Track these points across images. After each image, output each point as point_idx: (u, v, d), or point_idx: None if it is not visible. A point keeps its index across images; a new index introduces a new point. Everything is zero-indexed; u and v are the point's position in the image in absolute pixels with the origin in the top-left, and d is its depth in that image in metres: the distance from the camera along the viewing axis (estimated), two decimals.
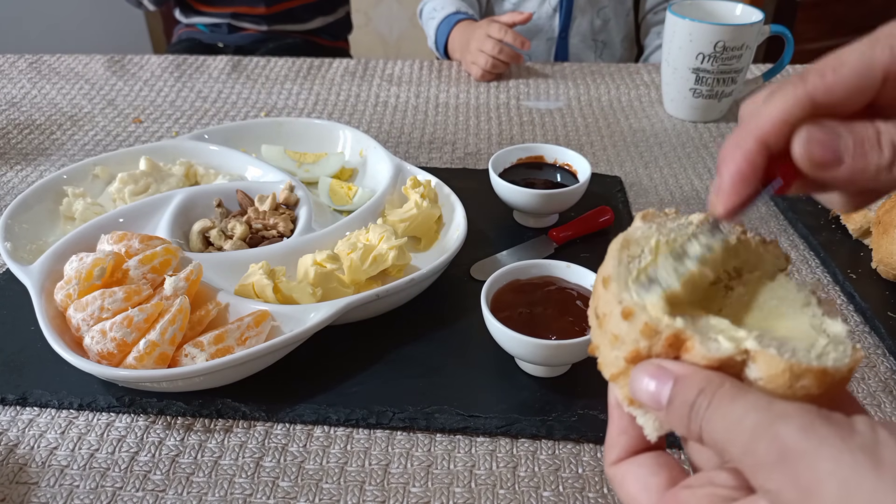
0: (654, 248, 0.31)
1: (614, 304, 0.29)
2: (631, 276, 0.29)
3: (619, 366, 0.29)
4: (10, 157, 0.87)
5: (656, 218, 0.32)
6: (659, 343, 0.27)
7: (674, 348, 0.27)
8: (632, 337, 0.28)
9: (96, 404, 0.51)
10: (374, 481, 0.47)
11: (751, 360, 0.26)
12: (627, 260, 0.30)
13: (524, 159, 0.75)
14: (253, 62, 1.14)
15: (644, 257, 0.30)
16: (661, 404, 0.27)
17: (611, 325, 0.29)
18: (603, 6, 1.24)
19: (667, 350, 0.27)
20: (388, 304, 0.58)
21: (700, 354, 0.26)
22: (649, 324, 0.27)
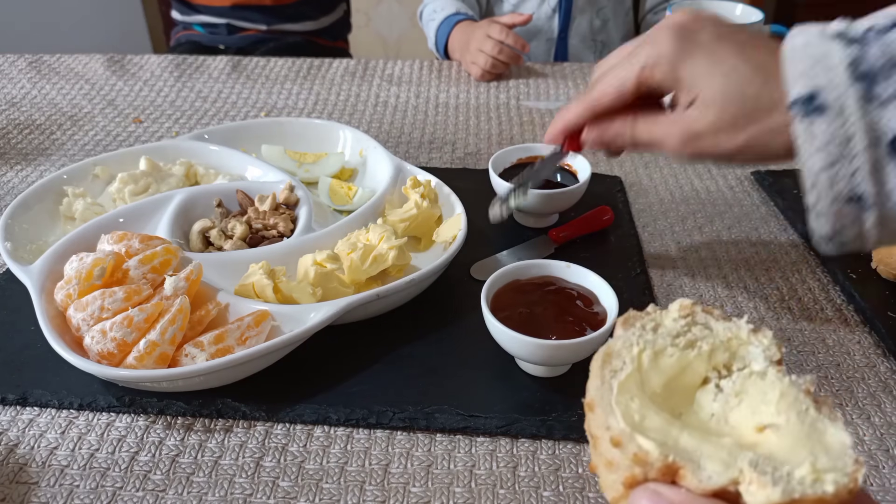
0: (636, 358, 0.30)
1: (603, 429, 0.28)
2: (614, 395, 0.28)
3: (618, 490, 0.28)
4: (10, 157, 0.87)
5: (637, 321, 0.32)
6: (652, 470, 0.27)
7: (668, 475, 0.27)
8: (625, 464, 0.27)
9: (96, 404, 0.51)
10: (374, 481, 0.47)
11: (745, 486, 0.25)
12: (610, 376, 0.29)
13: (524, 159, 0.75)
14: (253, 62, 1.14)
15: (626, 369, 0.29)
16: None
17: (603, 448, 0.28)
18: (602, 6, 1.24)
19: (662, 476, 0.27)
20: (388, 304, 0.58)
21: (693, 484, 0.26)
22: (638, 454, 0.26)
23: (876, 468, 0.47)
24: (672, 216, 0.75)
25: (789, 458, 0.25)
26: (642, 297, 0.62)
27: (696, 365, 0.30)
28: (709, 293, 0.63)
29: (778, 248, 0.70)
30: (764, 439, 0.27)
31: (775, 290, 0.64)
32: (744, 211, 0.76)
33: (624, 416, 0.28)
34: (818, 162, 0.40)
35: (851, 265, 0.64)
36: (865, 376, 0.54)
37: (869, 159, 0.39)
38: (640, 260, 0.67)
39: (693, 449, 0.27)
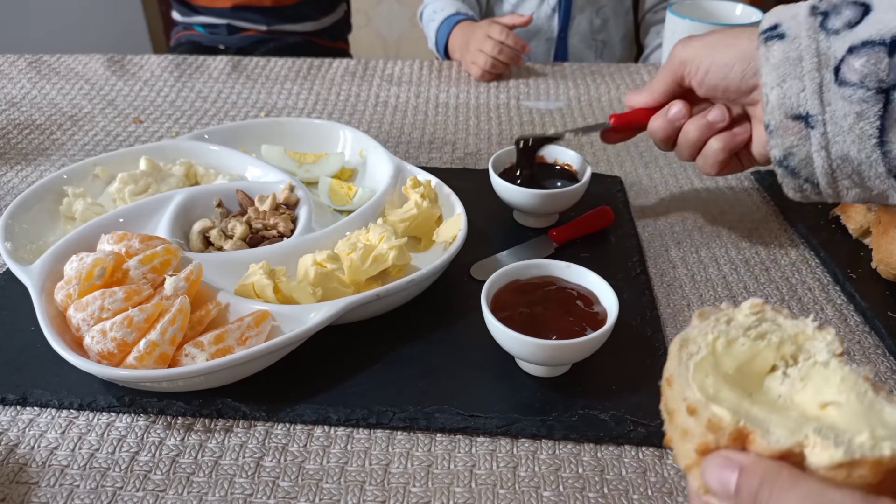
0: (711, 343, 0.33)
1: (679, 401, 0.31)
2: (690, 373, 0.32)
3: (691, 457, 0.31)
4: (10, 157, 0.87)
5: (711, 315, 0.35)
6: (724, 436, 0.29)
7: (738, 441, 0.29)
8: (699, 431, 0.30)
9: (96, 404, 0.51)
10: (374, 481, 0.47)
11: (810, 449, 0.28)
12: (686, 357, 0.33)
13: None
14: (253, 62, 1.14)
15: (701, 352, 0.33)
16: (729, 492, 0.29)
17: (679, 420, 0.31)
18: (602, 5, 1.24)
19: (732, 442, 0.29)
20: (388, 304, 0.58)
21: (762, 447, 0.28)
22: (712, 420, 0.29)
23: None
24: (672, 216, 0.75)
25: (850, 428, 0.28)
26: (642, 297, 0.62)
27: (765, 354, 0.33)
28: (709, 293, 0.63)
29: (778, 248, 0.70)
30: (826, 414, 0.30)
31: (775, 290, 0.64)
32: (744, 211, 0.76)
33: (700, 389, 0.31)
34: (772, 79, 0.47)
35: (851, 265, 0.64)
36: None
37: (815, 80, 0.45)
38: (640, 260, 0.67)
39: (762, 418, 0.29)
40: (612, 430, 0.49)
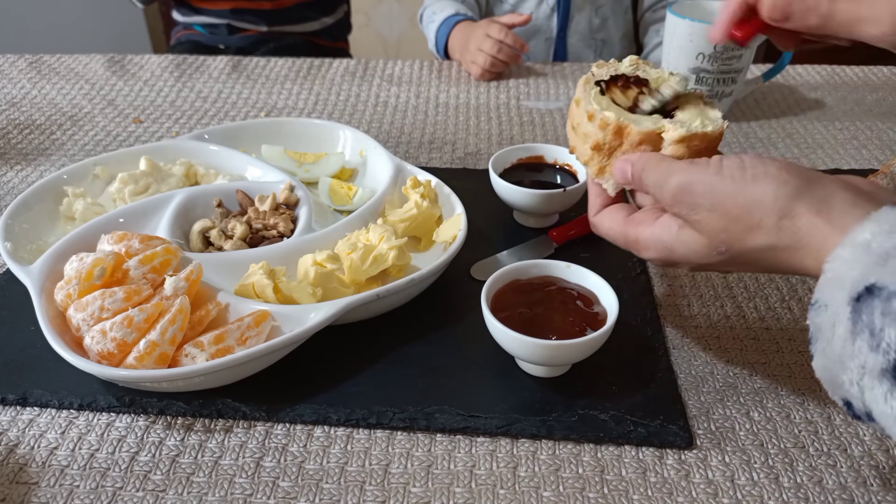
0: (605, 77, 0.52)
1: (582, 114, 0.49)
2: (591, 95, 0.49)
3: (588, 154, 0.50)
4: (10, 157, 0.87)
5: (604, 65, 0.53)
6: (609, 132, 0.47)
7: (618, 135, 0.48)
8: (593, 131, 0.48)
9: (96, 404, 0.51)
10: (374, 481, 0.47)
11: (666, 133, 0.46)
12: (589, 88, 0.50)
13: (524, 159, 0.75)
14: (253, 62, 1.14)
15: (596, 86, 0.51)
16: (627, 178, 0.47)
17: (581, 128, 0.50)
18: (601, 5, 1.24)
19: (614, 136, 0.48)
20: (388, 304, 0.58)
21: (634, 132, 0.47)
22: (603, 120, 0.47)
23: (876, 468, 0.47)
24: None
25: (689, 121, 0.47)
26: (642, 297, 0.62)
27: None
28: (709, 293, 0.63)
29: None
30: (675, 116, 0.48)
31: (775, 290, 0.64)
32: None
33: (595, 103, 0.48)
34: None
35: None
36: None
37: None
38: (640, 260, 0.67)
39: (634, 118, 0.47)
40: (612, 430, 0.49)
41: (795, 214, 0.39)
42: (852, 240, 0.36)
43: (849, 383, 0.35)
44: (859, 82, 1.08)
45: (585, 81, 0.51)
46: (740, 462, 0.48)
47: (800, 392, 0.53)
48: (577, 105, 0.50)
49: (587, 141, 0.49)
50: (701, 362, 0.56)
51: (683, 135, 0.46)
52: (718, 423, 0.51)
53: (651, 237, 0.46)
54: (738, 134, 0.93)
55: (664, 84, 0.50)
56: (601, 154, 0.49)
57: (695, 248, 0.43)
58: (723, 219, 0.41)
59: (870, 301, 0.33)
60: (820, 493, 0.46)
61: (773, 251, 0.40)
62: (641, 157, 0.46)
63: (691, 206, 0.42)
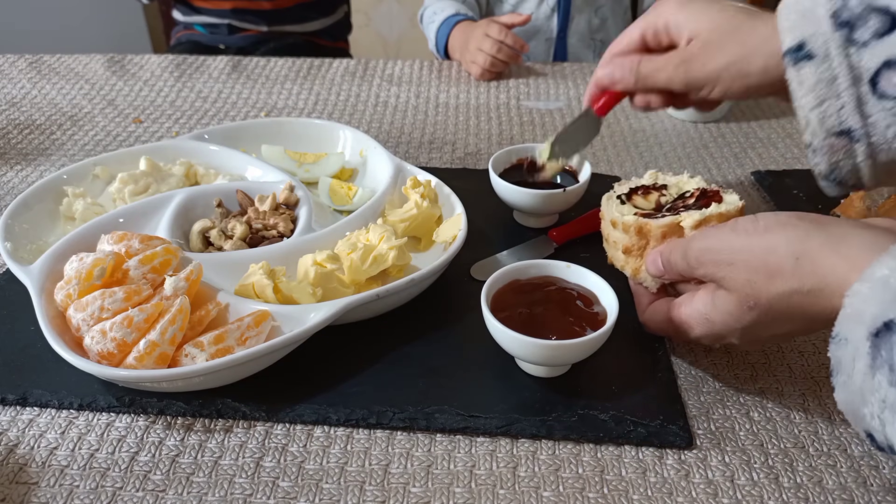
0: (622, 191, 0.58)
1: (608, 224, 0.55)
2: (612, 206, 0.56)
3: (622, 259, 0.54)
4: (10, 157, 0.87)
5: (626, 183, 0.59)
6: (632, 233, 0.52)
7: (641, 235, 0.52)
8: (620, 237, 0.53)
9: (96, 404, 0.51)
10: (374, 481, 0.47)
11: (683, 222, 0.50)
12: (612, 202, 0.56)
13: (524, 159, 0.75)
14: (253, 62, 1.14)
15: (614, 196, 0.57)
16: (661, 270, 0.50)
17: (611, 237, 0.55)
18: (601, 5, 1.24)
19: (638, 237, 0.52)
20: (388, 304, 0.58)
21: (655, 227, 0.51)
22: (625, 224, 0.53)
23: (876, 468, 0.47)
24: None
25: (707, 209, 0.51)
26: None
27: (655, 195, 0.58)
28: None
29: None
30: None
31: None
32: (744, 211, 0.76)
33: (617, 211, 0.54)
34: (809, 102, 0.47)
35: None
36: None
37: (853, 95, 0.45)
38: None
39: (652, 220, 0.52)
40: (612, 430, 0.49)
41: (811, 254, 0.40)
42: (870, 275, 0.37)
43: (870, 416, 0.36)
44: None
45: (608, 198, 0.57)
46: (740, 462, 0.48)
47: (800, 392, 0.53)
48: (603, 219, 0.56)
49: (618, 247, 0.54)
50: (701, 362, 0.56)
51: (699, 219, 0.49)
52: (718, 423, 0.51)
53: (693, 314, 0.48)
54: (738, 134, 0.93)
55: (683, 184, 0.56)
56: (633, 256, 0.53)
57: (728, 308, 0.45)
58: (745, 271, 0.43)
59: (888, 337, 0.34)
60: (820, 493, 0.46)
61: (798, 296, 0.41)
62: (667, 245, 0.50)
63: (716, 265, 0.45)
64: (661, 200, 0.56)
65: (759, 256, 0.42)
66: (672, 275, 0.50)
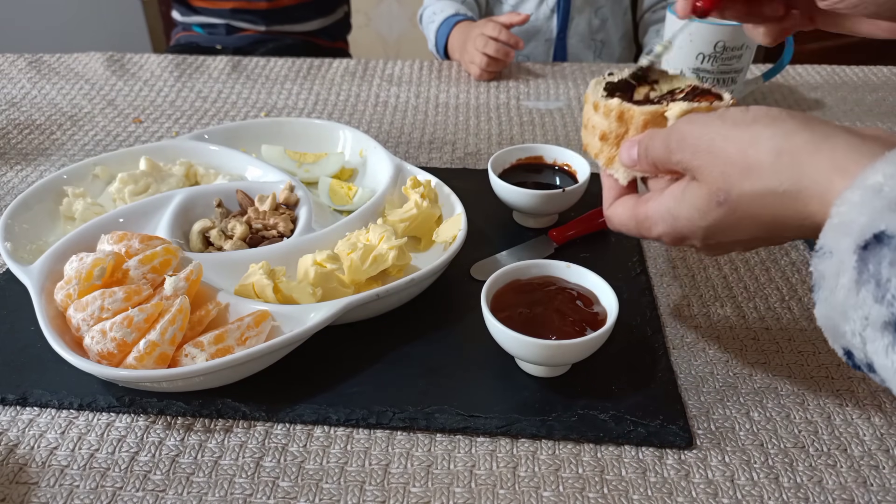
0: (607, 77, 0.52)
1: (590, 108, 0.50)
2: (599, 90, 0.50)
3: (597, 145, 0.50)
4: (10, 157, 0.87)
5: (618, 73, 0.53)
6: (612, 119, 0.48)
7: (622, 121, 0.47)
8: (599, 121, 0.49)
9: (96, 404, 0.51)
10: (374, 481, 0.47)
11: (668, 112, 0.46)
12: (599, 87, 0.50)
13: (524, 160, 0.75)
14: (253, 62, 1.14)
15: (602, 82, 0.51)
16: (633, 159, 0.46)
17: (590, 122, 0.50)
18: (600, 6, 1.24)
19: (619, 123, 0.48)
20: (388, 304, 0.58)
21: (637, 114, 0.47)
22: (607, 106, 0.48)
23: (876, 468, 0.47)
24: None
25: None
26: (642, 297, 0.62)
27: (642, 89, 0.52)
28: (709, 293, 0.63)
29: (778, 248, 0.70)
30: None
31: (775, 290, 0.64)
32: None
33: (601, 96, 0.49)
34: None
35: None
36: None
37: None
38: (640, 260, 0.67)
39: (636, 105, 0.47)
40: (612, 430, 0.49)
41: (794, 151, 0.37)
42: (862, 182, 0.33)
43: (851, 334, 0.33)
44: (859, 82, 1.08)
45: (597, 83, 0.51)
46: (740, 462, 0.48)
47: (800, 392, 0.53)
48: (587, 102, 0.51)
49: (595, 133, 0.49)
50: (701, 362, 0.56)
51: (685, 109, 0.45)
52: (718, 423, 0.51)
53: (658, 209, 0.44)
54: None
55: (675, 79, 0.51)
56: (609, 144, 0.49)
57: (696, 202, 0.41)
58: (721, 162, 0.39)
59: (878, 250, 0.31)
60: (820, 493, 0.46)
61: (773, 196, 0.37)
62: (646, 134, 0.45)
63: (693, 151, 0.41)
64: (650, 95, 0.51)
65: (739, 147, 0.39)
66: (646, 164, 0.45)
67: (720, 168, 0.39)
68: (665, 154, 0.43)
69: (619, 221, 0.48)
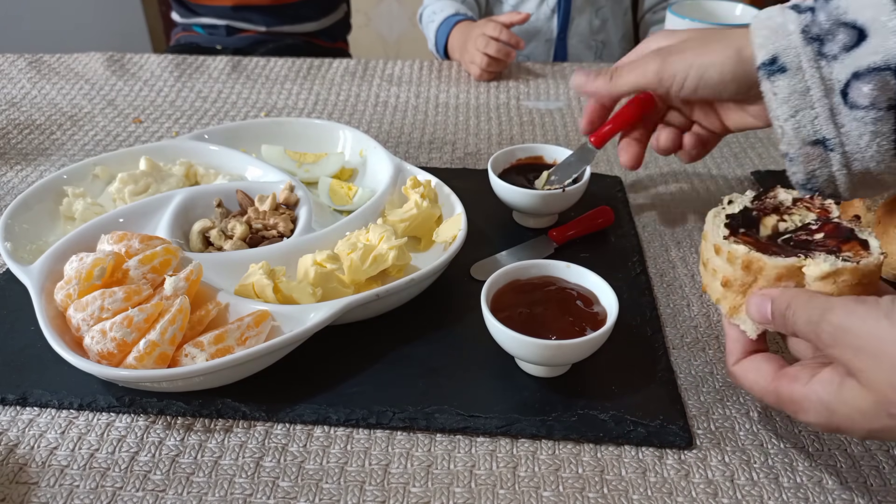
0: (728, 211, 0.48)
1: (710, 248, 0.45)
2: (719, 228, 0.45)
3: (718, 290, 0.45)
4: (10, 157, 0.87)
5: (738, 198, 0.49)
6: (738, 266, 0.43)
7: (749, 270, 0.42)
8: (720, 265, 0.44)
9: (96, 404, 0.51)
10: (374, 481, 0.47)
11: (807, 267, 0.41)
12: (719, 221, 0.46)
13: (524, 159, 0.75)
14: (253, 62, 1.14)
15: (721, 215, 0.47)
16: (766, 318, 0.42)
17: (710, 263, 0.45)
18: (601, 6, 1.24)
19: (745, 271, 0.43)
20: (388, 304, 0.58)
21: (770, 267, 0.41)
22: (731, 253, 0.43)
23: (876, 468, 0.47)
24: (672, 216, 0.75)
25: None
26: (642, 297, 0.62)
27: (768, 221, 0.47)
28: None
29: None
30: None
31: None
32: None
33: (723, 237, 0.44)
34: (784, 112, 0.48)
35: None
36: None
37: (826, 106, 0.47)
38: (640, 260, 0.67)
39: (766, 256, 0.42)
40: (612, 430, 0.49)
41: None
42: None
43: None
44: None
45: (715, 215, 0.47)
46: (740, 462, 0.48)
47: None
48: (705, 239, 0.46)
49: (717, 277, 0.44)
50: (701, 362, 0.56)
51: (828, 270, 0.40)
52: (718, 423, 0.51)
53: (810, 396, 0.39)
54: (738, 134, 0.93)
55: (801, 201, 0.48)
56: (733, 291, 0.44)
57: (859, 406, 0.37)
58: (890, 371, 0.35)
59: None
60: (820, 493, 0.46)
61: None
62: (785, 294, 0.41)
63: (855, 352, 0.36)
64: (780, 227, 0.47)
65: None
66: (783, 328, 0.41)
67: (890, 379, 0.35)
68: (812, 337, 0.39)
69: (749, 385, 0.44)
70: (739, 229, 0.46)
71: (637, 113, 0.66)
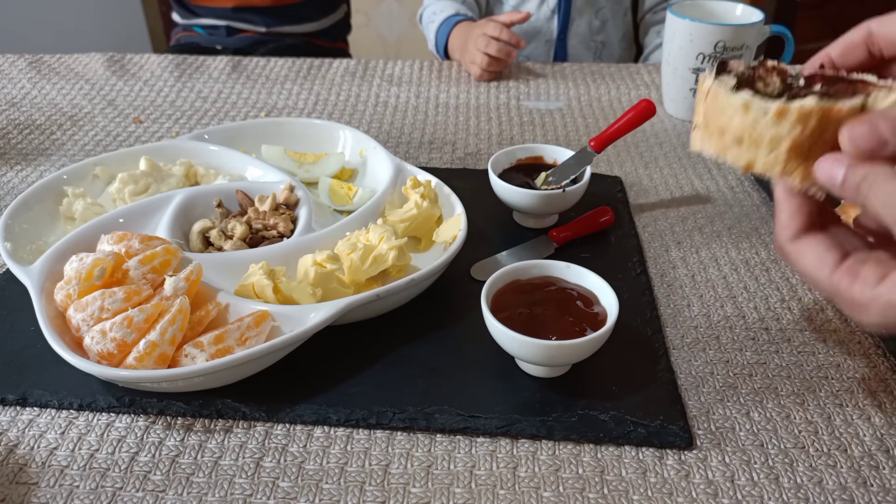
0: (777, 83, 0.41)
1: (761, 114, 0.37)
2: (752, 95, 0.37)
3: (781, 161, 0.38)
4: (10, 157, 0.87)
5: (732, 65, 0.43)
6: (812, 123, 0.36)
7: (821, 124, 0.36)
8: (787, 130, 0.36)
9: (96, 404, 0.51)
10: (374, 482, 0.47)
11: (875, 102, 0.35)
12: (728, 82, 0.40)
13: (524, 160, 0.75)
14: (253, 62, 1.14)
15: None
16: (836, 184, 0.36)
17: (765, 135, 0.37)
18: (601, 7, 1.24)
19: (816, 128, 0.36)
20: (389, 304, 0.58)
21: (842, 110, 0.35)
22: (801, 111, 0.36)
23: (876, 468, 0.47)
24: (672, 216, 0.75)
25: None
26: (642, 298, 0.62)
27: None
28: (709, 294, 0.63)
29: None
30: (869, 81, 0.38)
31: (775, 290, 0.64)
32: (744, 211, 0.76)
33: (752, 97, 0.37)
34: None
35: None
36: (865, 376, 0.54)
37: None
38: (640, 260, 0.67)
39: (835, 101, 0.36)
40: (612, 430, 0.49)
41: None
42: None
43: None
44: None
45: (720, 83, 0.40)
46: (740, 462, 0.48)
47: (800, 392, 0.53)
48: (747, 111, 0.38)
49: (778, 146, 0.37)
50: (701, 362, 0.56)
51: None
52: (718, 423, 0.51)
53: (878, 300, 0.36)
54: None
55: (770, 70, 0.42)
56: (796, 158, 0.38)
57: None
58: None
59: None
60: (820, 494, 0.46)
61: None
62: (863, 166, 0.35)
63: None
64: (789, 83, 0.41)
65: None
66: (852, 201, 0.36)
67: None
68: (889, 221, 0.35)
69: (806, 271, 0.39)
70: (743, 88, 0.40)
71: (637, 120, 0.69)
